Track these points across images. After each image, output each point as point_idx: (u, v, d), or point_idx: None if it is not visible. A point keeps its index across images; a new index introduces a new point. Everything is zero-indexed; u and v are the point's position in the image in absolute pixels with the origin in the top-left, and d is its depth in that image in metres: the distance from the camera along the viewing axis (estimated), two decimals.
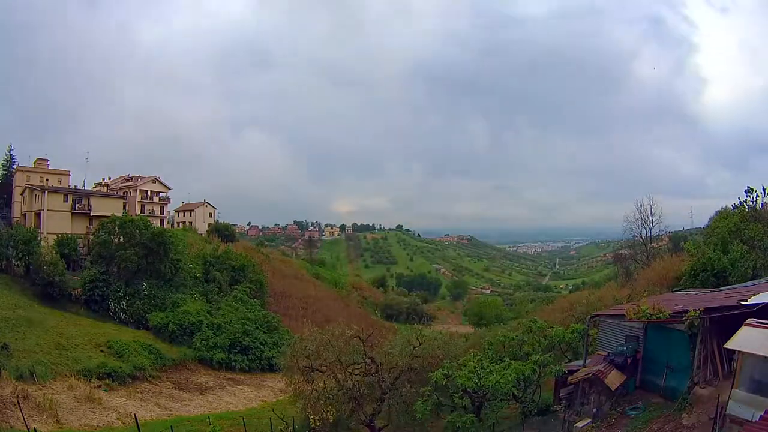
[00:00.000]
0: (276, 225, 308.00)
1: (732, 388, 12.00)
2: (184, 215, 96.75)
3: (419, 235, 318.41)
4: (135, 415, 25.34)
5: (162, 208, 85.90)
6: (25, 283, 46.82)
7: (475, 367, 20.43)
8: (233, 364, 45.36)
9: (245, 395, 39.40)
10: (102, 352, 37.49)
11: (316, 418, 22.21)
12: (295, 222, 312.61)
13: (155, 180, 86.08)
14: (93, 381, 32.52)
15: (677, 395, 14.91)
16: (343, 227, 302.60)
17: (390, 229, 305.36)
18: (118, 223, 51.70)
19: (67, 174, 78.23)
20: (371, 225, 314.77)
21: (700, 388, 14.22)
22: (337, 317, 46.38)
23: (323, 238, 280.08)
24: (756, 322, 12.15)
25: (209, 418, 28.62)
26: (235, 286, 56.92)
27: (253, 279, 60.94)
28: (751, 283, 20.75)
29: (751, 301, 13.85)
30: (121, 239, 50.65)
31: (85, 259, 54.15)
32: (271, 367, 44.40)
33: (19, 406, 24.50)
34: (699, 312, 14.45)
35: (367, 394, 23.72)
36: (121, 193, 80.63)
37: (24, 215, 67.84)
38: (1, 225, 55.98)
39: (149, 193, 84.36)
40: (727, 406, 11.86)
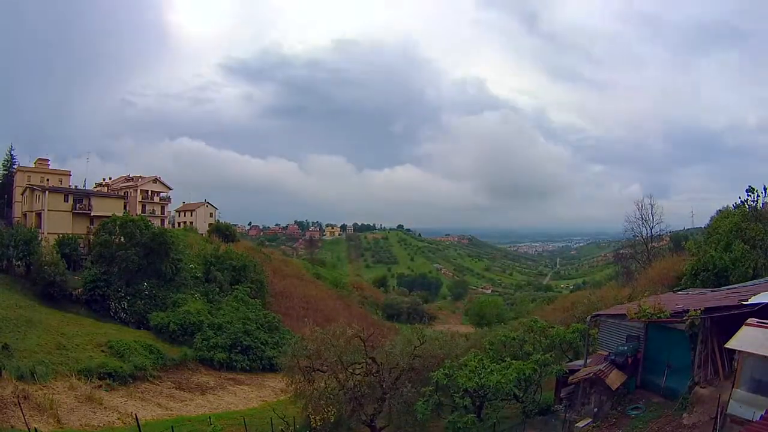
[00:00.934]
0: (277, 225, 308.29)
1: (733, 387, 12.01)
2: (185, 215, 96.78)
3: (420, 234, 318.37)
4: (136, 415, 25.33)
5: (163, 208, 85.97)
6: (25, 283, 46.79)
7: (476, 367, 20.44)
8: (234, 364, 45.34)
9: (246, 395, 39.41)
10: (103, 352, 37.48)
11: (317, 418, 22.26)
12: (295, 222, 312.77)
13: (156, 180, 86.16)
14: (94, 381, 32.49)
15: (678, 395, 14.91)
16: (343, 227, 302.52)
17: (391, 229, 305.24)
18: (118, 223, 51.74)
19: (67, 174, 78.50)
20: (372, 225, 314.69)
21: (701, 387, 14.21)
22: (337, 317, 46.48)
23: (324, 238, 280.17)
24: (756, 322, 12.15)
25: (210, 418, 28.67)
26: (236, 286, 56.88)
27: (253, 279, 60.93)
28: (751, 282, 20.74)
29: (752, 300, 13.85)
30: (122, 239, 50.70)
31: (85, 259, 54.12)
32: (272, 367, 44.31)
33: (20, 406, 24.52)
34: (700, 312, 14.45)
35: (368, 394, 23.74)
36: (122, 193, 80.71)
37: (25, 215, 67.92)
38: (2, 225, 55.98)
39: (150, 193, 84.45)
40: (727, 405, 11.87)
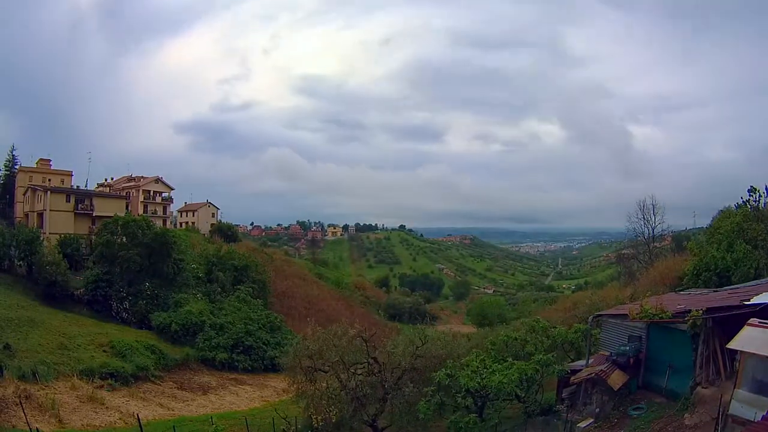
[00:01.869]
0: (279, 225, 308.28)
1: (734, 388, 11.98)
2: (187, 215, 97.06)
3: (422, 235, 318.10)
4: (138, 415, 25.38)
5: (165, 209, 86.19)
6: (27, 283, 46.91)
7: (477, 367, 20.39)
8: (236, 364, 45.38)
9: (248, 395, 39.48)
10: (104, 352, 37.54)
11: (319, 418, 22.28)
12: (298, 222, 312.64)
13: (158, 180, 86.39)
14: (95, 381, 32.53)
15: (680, 395, 14.88)
16: (345, 227, 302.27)
17: (393, 229, 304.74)
18: (120, 223, 51.83)
19: (69, 174, 78.70)
20: (374, 225, 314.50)
21: (703, 388, 14.18)
22: (340, 317, 46.25)
23: (326, 238, 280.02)
24: (758, 322, 12.12)
25: (212, 418, 28.69)
26: (238, 286, 56.89)
27: (255, 279, 60.89)
28: (753, 282, 20.68)
29: (754, 300, 13.82)
30: (124, 239, 50.76)
31: (87, 259, 54.22)
32: (273, 367, 44.34)
33: (22, 406, 24.58)
34: (701, 312, 14.42)
35: (369, 394, 23.73)
36: (124, 194, 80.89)
37: (27, 215, 68.11)
38: (4, 225, 56.13)
39: (152, 193, 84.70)
40: (729, 406, 11.84)
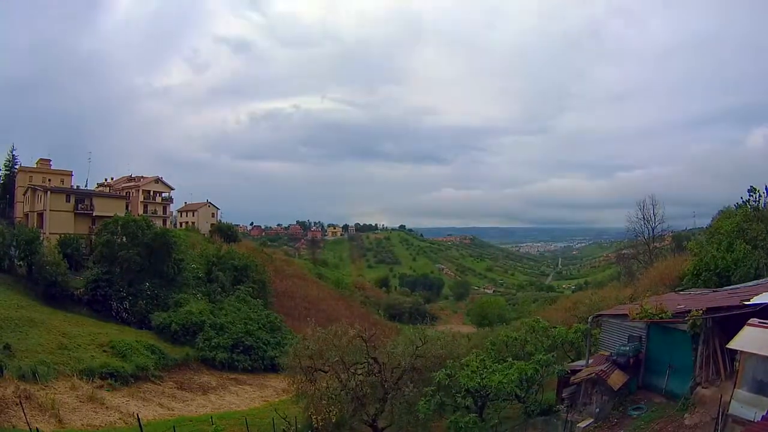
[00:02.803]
0: (279, 225, 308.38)
1: (734, 388, 11.99)
2: (187, 215, 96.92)
3: (422, 235, 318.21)
4: (138, 415, 25.40)
5: (164, 209, 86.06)
6: (27, 283, 46.92)
7: (477, 367, 20.41)
8: (236, 364, 45.42)
9: (248, 395, 39.51)
10: (105, 352, 37.55)
11: (319, 418, 22.24)
12: (297, 222, 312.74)
13: (158, 180, 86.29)
14: (95, 381, 32.57)
15: (679, 395, 14.88)
16: (345, 227, 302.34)
17: (393, 229, 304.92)
18: (120, 223, 51.87)
19: (69, 174, 78.56)
20: (374, 225, 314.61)
21: (703, 388, 14.18)
22: (340, 317, 46.39)
23: (326, 238, 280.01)
24: (758, 322, 12.12)
25: (212, 418, 28.74)
26: (238, 286, 56.97)
27: (255, 279, 60.94)
28: (753, 283, 20.66)
29: (754, 301, 13.81)
30: (124, 239, 50.78)
31: (87, 259, 54.22)
32: (273, 367, 44.35)
33: (22, 406, 24.59)
34: (701, 312, 14.42)
35: (369, 394, 23.73)
36: (124, 194, 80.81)
37: (27, 215, 68.04)
38: (4, 225, 56.09)
39: (152, 193, 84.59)
40: (729, 406, 11.85)
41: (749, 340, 11.75)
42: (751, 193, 29.30)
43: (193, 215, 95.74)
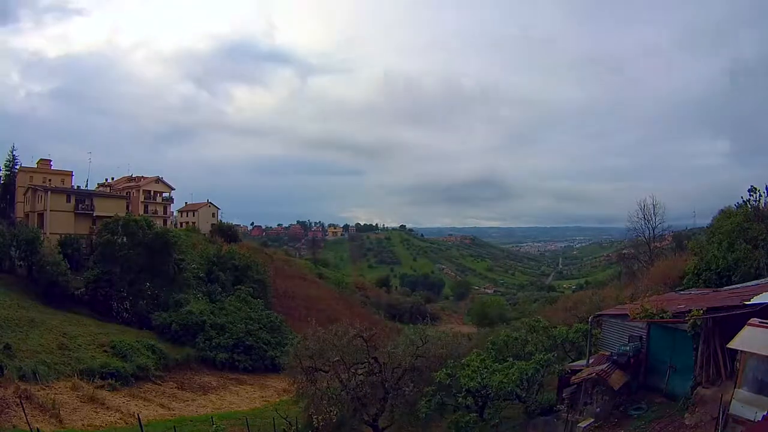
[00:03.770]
0: (279, 225, 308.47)
1: (735, 388, 11.96)
2: (188, 215, 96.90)
3: (422, 235, 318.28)
4: (138, 415, 25.43)
5: (165, 208, 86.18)
6: (28, 283, 47.02)
7: (478, 367, 20.40)
8: (236, 364, 45.48)
9: (248, 395, 39.54)
10: (105, 352, 37.63)
11: (319, 418, 22.24)
12: (298, 222, 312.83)
13: (158, 180, 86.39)
14: (96, 381, 32.65)
15: (680, 395, 14.87)
16: (346, 227, 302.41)
17: (393, 229, 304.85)
18: (121, 223, 51.90)
19: (69, 174, 78.64)
20: (374, 225, 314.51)
21: (703, 388, 14.16)
22: (340, 317, 46.29)
23: (326, 238, 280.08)
24: (759, 322, 12.09)
25: (212, 418, 28.71)
26: (239, 286, 57.00)
27: (256, 279, 61.00)
28: (754, 282, 20.63)
29: (754, 300, 13.79)
30: (125, 239, 50.80)
31: (88, 259, 54.22)
32: (274, 367, 44.46)
33: (22, 406, 24.61)
34: (702, 312, 14.40)
35: (370, 394, 23.74)
36: (124, 194, 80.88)
37: (27, 215, 68.08)
38: (5, 225, 56.13)
39: (152, 193, 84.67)
40: (729, 406, 11.81)
41: (750, 339, 11.73)
42: (751, 193, 29.28)
43: (193, 215, 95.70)
